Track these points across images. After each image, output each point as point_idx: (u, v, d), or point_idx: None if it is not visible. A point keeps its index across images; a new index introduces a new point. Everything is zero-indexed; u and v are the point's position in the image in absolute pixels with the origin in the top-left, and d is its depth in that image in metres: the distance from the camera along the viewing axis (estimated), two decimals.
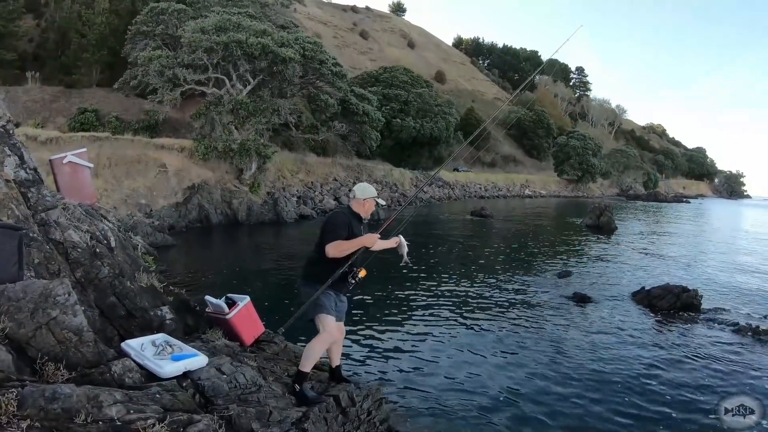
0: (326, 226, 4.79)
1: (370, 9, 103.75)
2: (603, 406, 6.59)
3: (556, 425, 6.10)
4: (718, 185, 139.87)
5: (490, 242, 23.34)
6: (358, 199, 4.97)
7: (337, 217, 4.88)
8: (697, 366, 8.21)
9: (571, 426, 6.09)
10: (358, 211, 4.98)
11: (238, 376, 4.28)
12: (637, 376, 7.63)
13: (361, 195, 4.97)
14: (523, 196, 61.69)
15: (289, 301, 10.49)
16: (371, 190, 5.03)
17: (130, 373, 3.66)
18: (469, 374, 7.44)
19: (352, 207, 5.01)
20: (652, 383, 7.41)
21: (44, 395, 2.73)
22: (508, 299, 12.00)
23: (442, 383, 7.10)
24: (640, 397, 6.95)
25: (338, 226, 4.73)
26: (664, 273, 16.15)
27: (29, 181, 4.78)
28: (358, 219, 4.97)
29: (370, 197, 4.98)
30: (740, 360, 8.54)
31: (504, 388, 7.02)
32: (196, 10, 31.11)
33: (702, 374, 7.86)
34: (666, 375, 7.77)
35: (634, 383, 7.37)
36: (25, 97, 31.28)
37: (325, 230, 4.75)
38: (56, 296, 3.46)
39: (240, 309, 5.72)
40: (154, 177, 22.88)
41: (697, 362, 8.38)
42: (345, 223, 4.78)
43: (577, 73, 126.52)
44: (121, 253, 5.31)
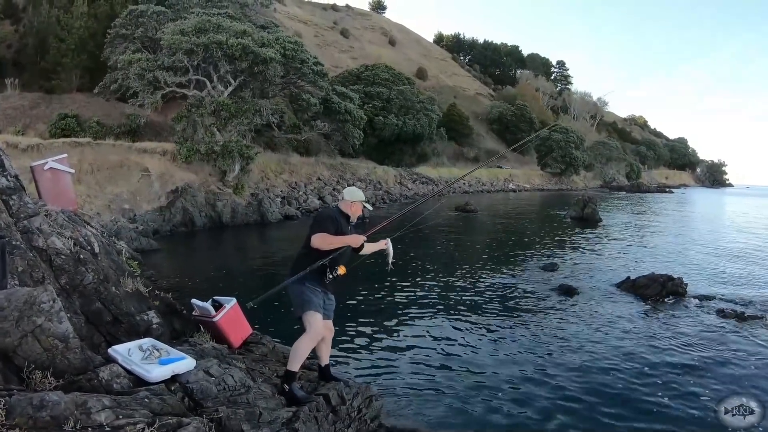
0: (315, 219, 5.01)
1: (351, 7, 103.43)
2: (592, 396, 6.67)
3: (546, 417, 6.17)
4: (701, 174, 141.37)
5: (475, 237, 23.45)
6: (346, 201, 5.18)
7: (325, 212, 5.15)
8: (684, 353, 8.34)
9: (563, 418, 6.15)
10: (346, 212, 5.15)
11: (227, 378, 4.28)
12: (623, 365, 7.72)
13: (349, 197, 5.19)
14: (507, 190, 61.95)
15: (278, 302, 10.48)
16: (359, 194, 5.27)
17: (118, 378, 3.65)
18: (458, 369, 7.49)
19: (341, 207, 5.20)
20: (639, 372, 7.51)
21: (32, 403, 2.72)
22: (495, 293, 12.08)
23: (431, 379, 7.15)
24: (627, 384, 7.05)
25: (326, 220, 4.90)
26: (649, 262, 16.34)
27: (10, 188, 4.74)
28: (346, 219, 5.13)
29: (357, 200, 5.18)
30: (725, 347, 8.68)
31: (493, 382, 7.08)
32: (175, 12, 30.83)
33: (688, 360, 7.99)
34: (652, 361, 7.89)
35: (620, 372, 7.47)
36: (5, 104, 30.83)
37: (313, 223, 4.93)
38: (41, 303, 3.43)
39: (227, 311, 5.72)
40: (137, 181, 22.69)
41: (683, 349, 8.51)
42: (333, 218, 4.96)
43: (558, 67, 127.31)
44: (105, 258, 5.27)
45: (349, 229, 5.10)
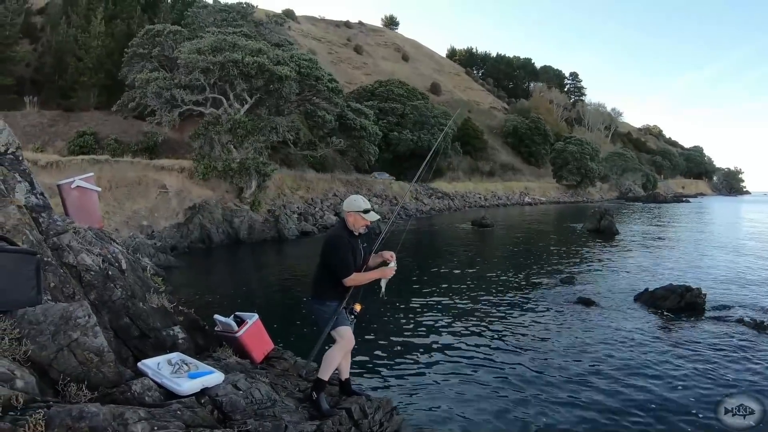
0: (332, 254, 4.67)
1: (363, 24, 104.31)
2: (612, 408, 6.65)
3: (569, 428, 6.16)
4: (717, 183, 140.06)
5: (492, 251, 23.40)
6: (344, 211, 4.85)
7: (338, 239, 4.70)
8: (704, 363, 8.28)
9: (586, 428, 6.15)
10: (348, 225, 4.77)
11: (254, 391, 4.34)
12: (643, 376, 7.69)
13: (346, 208, 4.80)
14: (522, 203, 61.72)
15: (300, 320, 10.56)
16: (358, 203, 4.75)
17: (150, 391, 3.72)
18: (478, 383, 7.49)
19: (344, 219, 4.84)
20: (659, 383, 7.47)
21: (71, 415, 2.79)
22: (514, 307, 12.06)
23: (452, 393, 7.15)
24: (646, 396, 7.02)
25: (345, 250, 4.61)
26: (667, 274, 16.22)
27: (40, 206, 4.86)
28: (351, 234, 4.75)
29: (353, 211, 4.72)
30: (745, 356, 8.61)
31: (514, 395, 7.08)
32: (191, 32, 31.40)
33: (709, 371, 7.93)
34: (672, 373, 7.84)
35: (639, 384, 7.44)
36: (24, 121, 31.38)
37: (332, 258, 4.66)
38: (77, 318, 3.53)
39: (249, 326, 5.76)
40: (155, 198, 22.99)
41: (703, 360, 8.45)
42: (347, 243, 4.65)
43: (572, 79, 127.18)
44: (131, 274, 5.38)
45: (358, 242, 4.78)
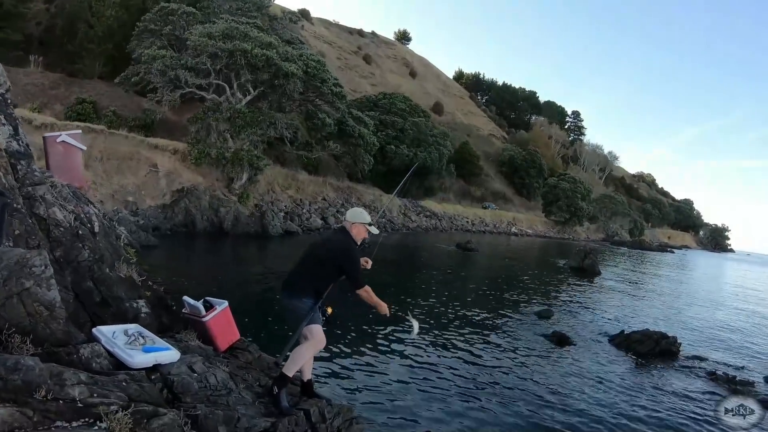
0: (350, 262, 4.69)
1: (376, 34, 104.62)
2: None
3: None
4: (703, 237, 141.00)
5: (473, 276, 23.28)
6: (348, 222, 4.88)
7: (355, 253, 4.76)
8: (673, 413, 8.17)
9: None
10: (351, 234, 4.86)
11: (209, 376, 4.15)
12: (609, 420, 7.56)
13: (352, 219, 4.87)
14: (509, 233, 61.78)
15: (272, 318, 10.35)
16: (363, 216, 4.91)
17: (98, 358, 3.52)
18: (441, 405, 7.35)
19: (347, 229, 4.88)
20: (621, 427, 7.35)
21: (5, 364, 2.60)
22: (487, 333, 11.93)
23: (411, 409, 7.02)
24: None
25: (358, 261, 4.74)
26: (644, 319, 16.20)
27: (20, 153, 4.68)
28: (355, 244, 4.84)
29: (359, 222, 4.84)
30: (715, 410, 8.50)
31: (475, 418, 6.94)
32: (205, 15, 31.23)
33: (678, 421, 7.82)
34: (640, 420, 7.71)
35: (605, 427, 7.30)
36: (26, 79, 31.03)
37: (348, 266, 4.67)
38: (32, 267, 3.33)
39: (217, 313, 5.57)
40: (145, 176, 22.70)
41: (672, 409, 8.34)
42: (359, 255, 4.78)
43: (573, 117, 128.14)
44: (103, 239, 5.17)
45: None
